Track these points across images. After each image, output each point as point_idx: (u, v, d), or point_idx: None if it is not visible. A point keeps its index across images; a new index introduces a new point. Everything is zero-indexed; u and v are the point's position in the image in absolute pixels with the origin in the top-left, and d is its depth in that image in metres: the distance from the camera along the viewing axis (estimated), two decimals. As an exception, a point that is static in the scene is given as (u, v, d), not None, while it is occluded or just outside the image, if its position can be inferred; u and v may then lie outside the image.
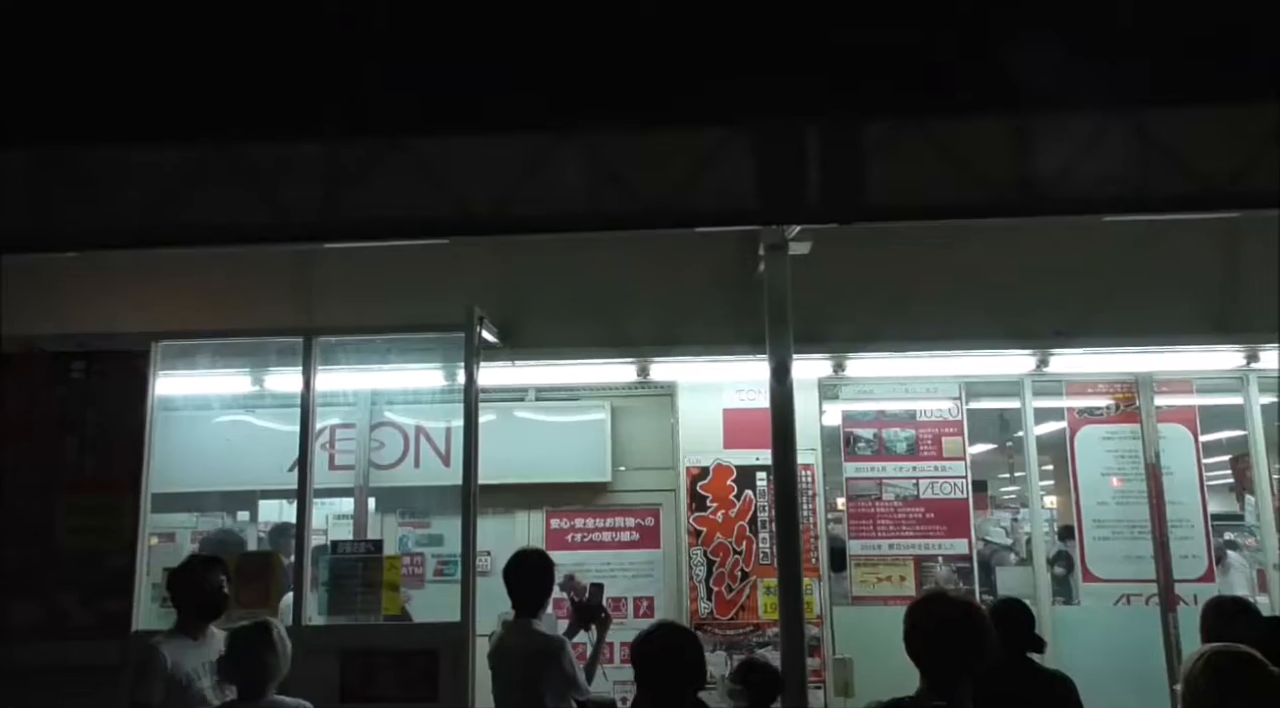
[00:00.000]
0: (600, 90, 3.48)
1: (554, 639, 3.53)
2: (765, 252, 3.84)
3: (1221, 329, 4.96)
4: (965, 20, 3.42)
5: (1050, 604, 5.59)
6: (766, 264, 3.83)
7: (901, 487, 5.70)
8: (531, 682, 3.38)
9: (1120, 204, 3.63)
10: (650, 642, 2.73)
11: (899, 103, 3.21)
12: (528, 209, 3.55)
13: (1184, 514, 5.57)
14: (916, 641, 2.50)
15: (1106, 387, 5.74)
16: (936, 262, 4.79)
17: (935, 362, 5.24)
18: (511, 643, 3.52)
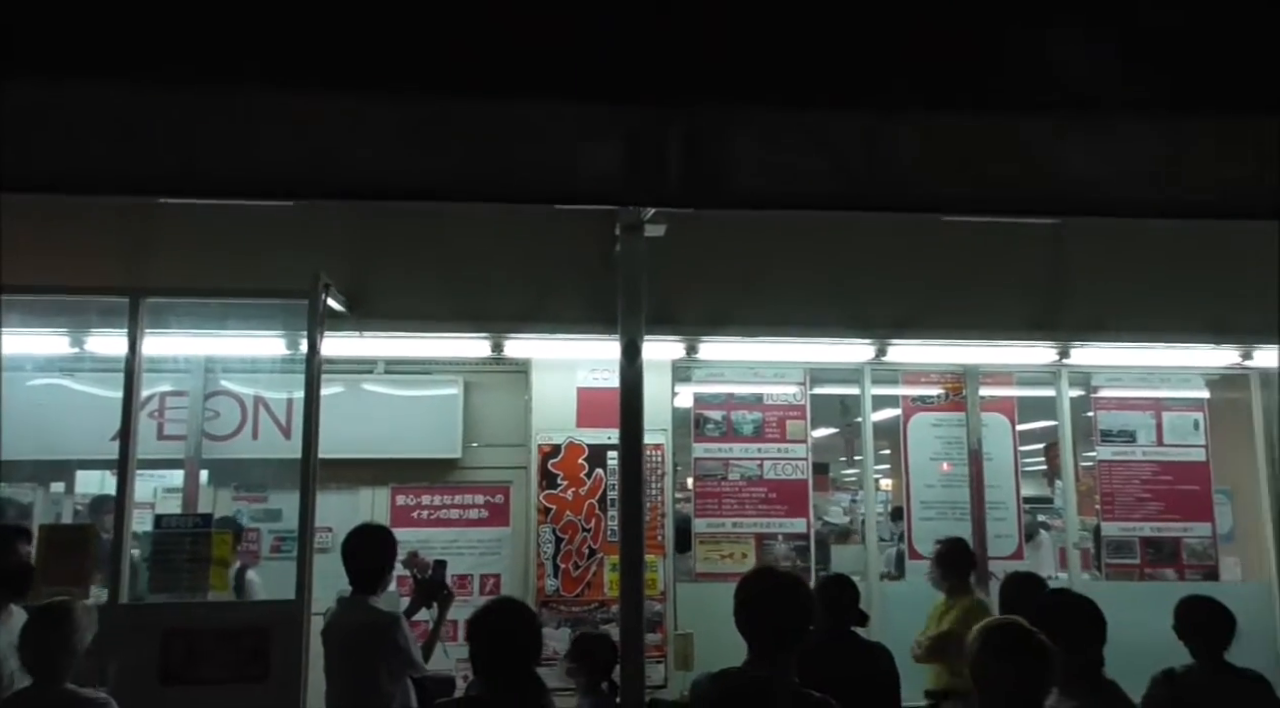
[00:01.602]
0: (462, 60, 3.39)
1: (387, 615, 3.46)
2: (621, 232, 3.85)
3: (1039, 327, 5.35)
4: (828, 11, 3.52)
5: (879, 580, 5.90)
6: (621, 245, 3.84)
7: (746, 467, 5.89)
8: (363, 659, 3.31)
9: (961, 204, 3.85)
10: (485, 619, 2.72)
11: (760, 92, 3.28)
12: (381, 176, 3.44)
13: (1000, 497, 6.00)
14: (744, 613, 2.59)
15: (938, 377, 6.09)
16: (786, 251, 4.95)
17: (782, 347, 5.43)
18: (344, 620, 3.43)
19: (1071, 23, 3.58)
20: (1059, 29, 3.62)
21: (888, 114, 3.45)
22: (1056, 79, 3.63)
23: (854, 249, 5.04)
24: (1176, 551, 5.98)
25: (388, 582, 3.68)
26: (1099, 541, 6.07)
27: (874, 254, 5.07)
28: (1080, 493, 6.46)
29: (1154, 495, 6.04)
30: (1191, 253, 5.16)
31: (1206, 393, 6.15)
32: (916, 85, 3.52)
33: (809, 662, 3.15)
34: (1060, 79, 3.64)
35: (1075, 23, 3.58)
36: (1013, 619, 2.46)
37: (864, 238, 4.96)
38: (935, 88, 3.54)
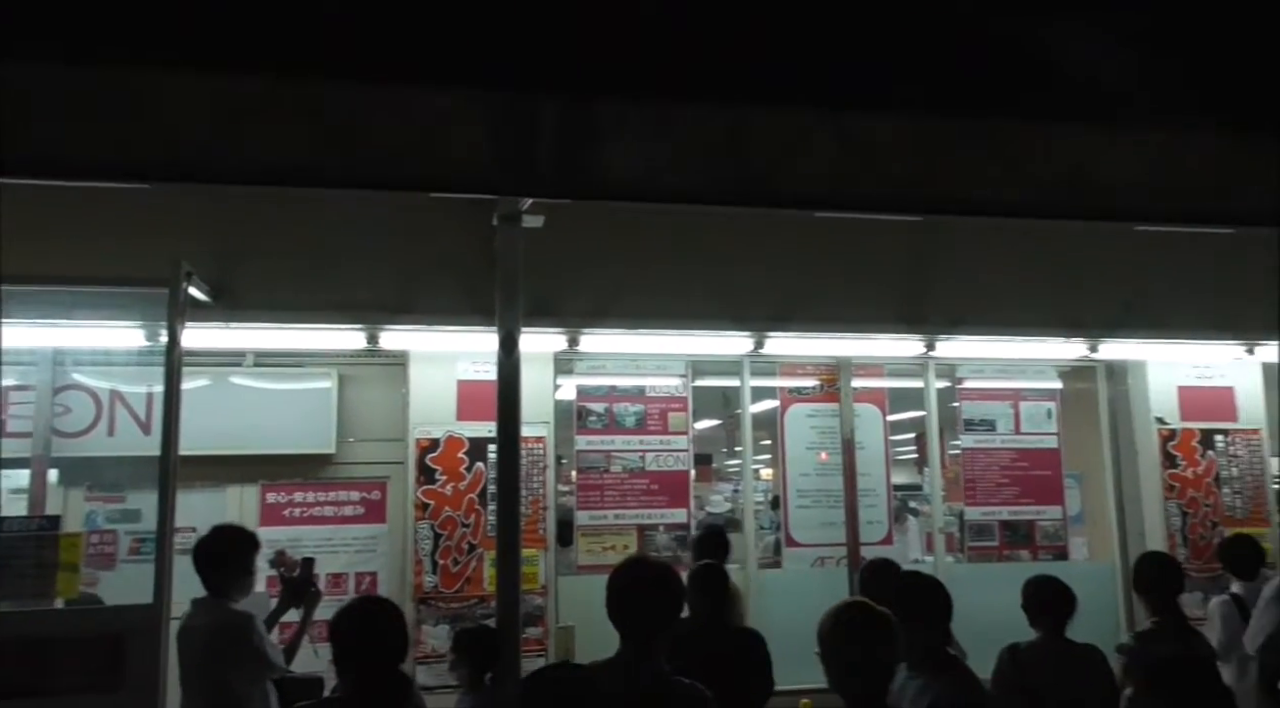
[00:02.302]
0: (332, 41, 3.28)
1: (240, 616, 3.33)
2: (499, 222, 3.82)
3: (907, 321, 5.58)
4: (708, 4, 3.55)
5: (758, 569, 6.04)
6: (499, 235, 3.81)
7: (629, 459, 5.93)
8: (216, 662, 3.18)
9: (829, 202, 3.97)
10: (347, 618, 2.65)
11: (635, 84, 3.29)
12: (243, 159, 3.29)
13: (871, 485, 6.22)
14: (615, 603, 2.61)
15: (814, 368, 6.27)
16: (666, 244, 5.00)
17: (664, 340, 5.48)
18: (197, 623, 3.29)
19: (934, 18, 3.71)
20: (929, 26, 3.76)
21: (765, 109, 3.53)
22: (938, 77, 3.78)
23: (733, 243, 5.12)
24: (1031, 533, 6.34)
25: (249, 584, 3.54)
26: (963, 525, 6.38)
27: (752, 248, 5.17)
28: (948, 480, 6.78)
29: (1012, 481, 6.38)
30: (1044, 251, 5.46)
31: (1059, 384, 6.53)
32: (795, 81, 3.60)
33: (681, 649, 3.21)
34: (936, 77, 3.79)
35: (937, 19, 3.71)
36: (860, 600, 2.56)
37: (742, 232, 5.06)
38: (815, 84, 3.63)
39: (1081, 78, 3.53)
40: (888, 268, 5.48)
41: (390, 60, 3.26)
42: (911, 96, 3.74)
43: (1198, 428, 6.27)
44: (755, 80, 3.35)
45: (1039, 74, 3.64)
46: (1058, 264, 5.56)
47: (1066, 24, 3.77)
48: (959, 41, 3.76)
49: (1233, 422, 6.31)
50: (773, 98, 3.33)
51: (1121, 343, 5.93)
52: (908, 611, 2.75)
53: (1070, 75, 3.62)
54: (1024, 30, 3.82)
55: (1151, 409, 6.27)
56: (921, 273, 5.48)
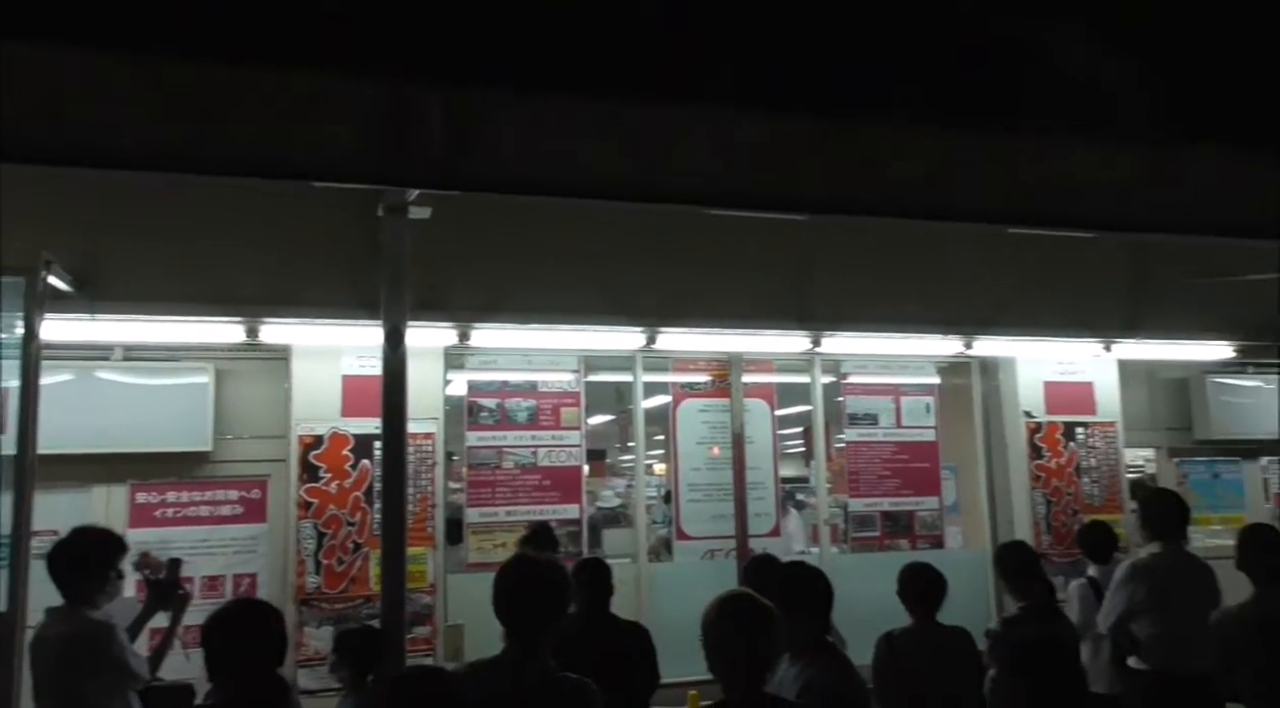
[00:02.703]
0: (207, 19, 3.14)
1: (96, 625, 3.15)
2: (384, 213, 3.73)
3: (794, 317, 5.72)
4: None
5: (647, 562, 6.10)
6: (384, 227, 3.72)
7: (520, 455, 5.89)
8: (71, 674, 3.01)
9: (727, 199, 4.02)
10: (221, 621, 2.56)
11: (525, 75, 3.26)
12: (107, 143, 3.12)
13: (760, 478, 6.36)
14: (500, 600, 2.60)
15: (706, 364, 6.36)
16: (559, 237, 4.98)
17: (556, 335, 5.47)
18: (50, 632, 3.10)
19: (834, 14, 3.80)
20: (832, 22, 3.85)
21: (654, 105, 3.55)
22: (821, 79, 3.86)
23: (625, 238, 5.15)
24: (910, 523, 6.60)
25: (113, 589, 3.35)
26: (847, 516, 6.59)
27: (644, 243, 5.21)
28: (834, 473, 6.99)
29: (893, 473, 6.62)
30: (922, 252, 5.68)
31: (937, 379, 6.81)
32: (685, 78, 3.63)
33: (567, 645, 3.21)
34: (819, 79, 3.87)
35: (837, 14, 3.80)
36: (744, 591, 2.61)
37: (635, 227, 5.09)
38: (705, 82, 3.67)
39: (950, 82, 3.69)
40: (776, 265, 5.60)
41: (266, 40, 3.14)
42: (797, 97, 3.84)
43: (1061, 421, 6.64)
44: (645, 76, 3.37)
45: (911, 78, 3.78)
46: (935, 264, 5.80)
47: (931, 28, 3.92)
48: (842, 47, 3.87)
49: (1092, 415, 6.71)
50: (662, 94, 3.35)
51: (993, 340, 6.23)
52: (790, 600, 2.83)
53: (942, 80, 3.77)
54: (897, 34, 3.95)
55: (1020, 404, 6.61)
56: (808, 270, 5.63)
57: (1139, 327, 6.38)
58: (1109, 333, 6.35)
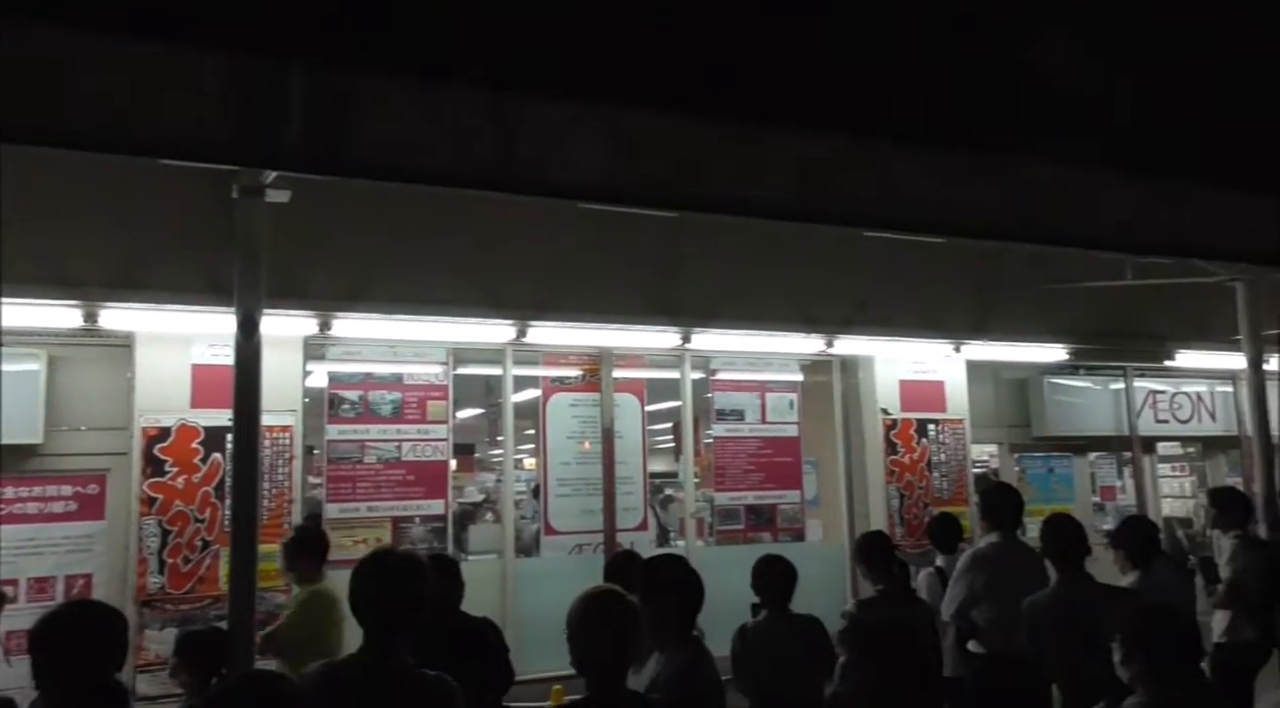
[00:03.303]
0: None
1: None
2: (239, 195, 3.54)
3: (665, 313, 5.79)
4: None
5: (514, 558, 6.05)
6: (239, 209, 3.54)
7: (384, 449, 5.73)
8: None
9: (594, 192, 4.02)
10: (50, 626, 2.38)
11: (395, 58, 3.16)
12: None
13: (629, 472, 6.40)
14: (358, 597, 2.52)
15: (577, 358, 6.36)
16: (427, 227, 4.87)
17: (423, 326, 5.35)
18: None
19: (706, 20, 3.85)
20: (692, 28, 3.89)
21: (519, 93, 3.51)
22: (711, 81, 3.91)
23: (497, 229, 5.08)
24: (773, 516, 6.79)
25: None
26: (713, 510, 6.72)
27: (516, 235, 5.15)
28: (703, 467, 7.11)
29: (757, 467, 6.80)
30: (789, 252, 5.85)
31: (800, 376, 7.03)
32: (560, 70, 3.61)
33: (432, 641, 3.14)
34: (709, 81, 3.92)
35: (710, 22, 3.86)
36: (608, 588, 2.62)
37: (506, 218, 5.03)
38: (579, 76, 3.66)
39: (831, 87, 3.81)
40: (649, 261, 5.65)
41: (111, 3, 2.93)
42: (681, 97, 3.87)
43: (914, 418, 6.98)
44: (520, 66, 3.33)
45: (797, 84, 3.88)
46: (801, 265, 5.98)
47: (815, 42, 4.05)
48: (735, 50, 3.94)
49: (942, 412, 7.08)
50: (539, 86, 3.32)
51: (853, 339, 6.49)
52: (654, 592, 2.86)
53: (828, 86, 3.89)
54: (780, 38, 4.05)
55: (878, 401, 6.90)
56: (680, 267, 5.71)
57: (985, 328, 6.78)
58: (959, 334, 6.72)
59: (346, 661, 2.53)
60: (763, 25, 3.69)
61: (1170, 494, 9.46)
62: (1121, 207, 4.63)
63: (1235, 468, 8.77)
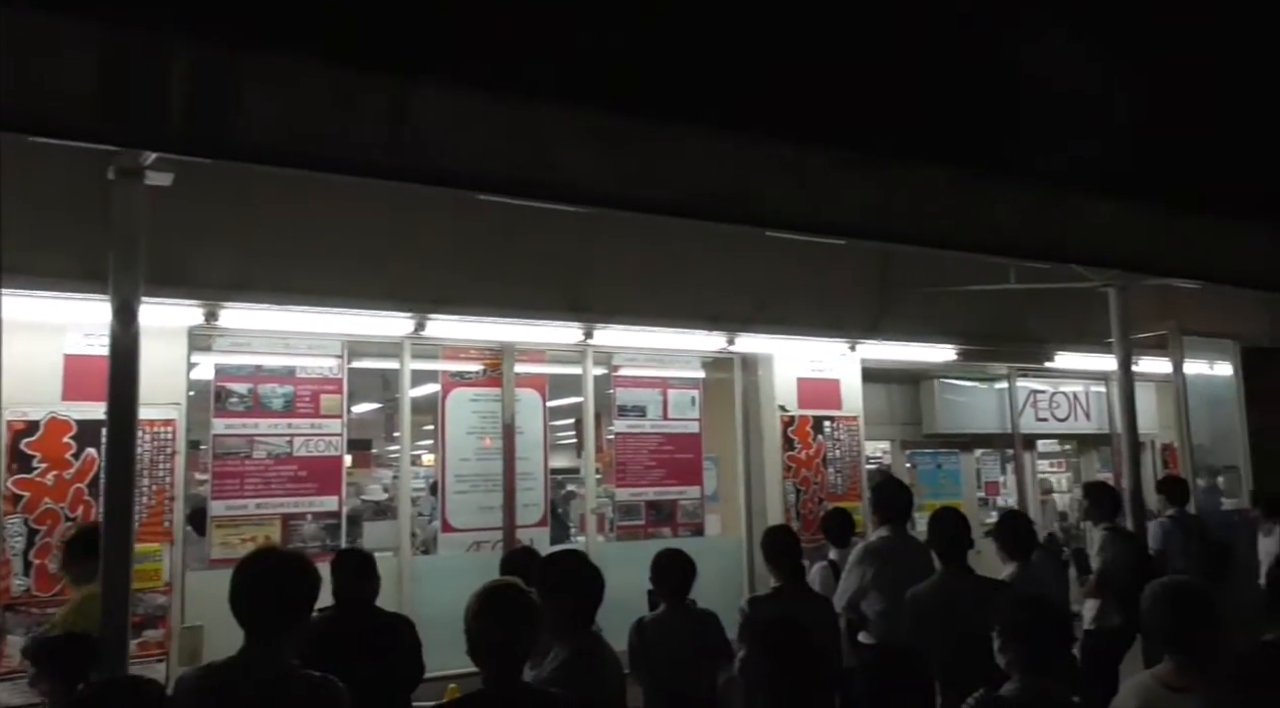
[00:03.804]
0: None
1: None
2: (115, 177, 3.35)
3: (567, 308, 5.76)
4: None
5: (411, 555, 5.93)
6: (115, 191, 3.35)
7: (274, 444, 5.54)
8: None
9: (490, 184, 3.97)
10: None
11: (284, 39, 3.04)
12: None
13: (529, 468, 6.35)
14: (238, 596, 2.42)
15: (478, 353, 6.26)
16: (321, 214, 4.72)
17: (317, 317, 5.18)
18: None
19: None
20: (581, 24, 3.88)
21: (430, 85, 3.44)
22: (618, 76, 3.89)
23: (394, 219, 4.96)
24: (673, 511, 6.84)
25: None
26: (615, 505, 6.73)
27: (415, 226, 5.04)
28: (604, 464, 7.11)
29: (658, 463, 6.84)
30: (692, 251, 5.91)
31: (702, 373, 7.10)
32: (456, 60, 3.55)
33: (325, 639, 3.06)
34: (615, 77, 3.90)
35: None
36: (508, 581, 2.60)
37: (404, 208, 4.91)
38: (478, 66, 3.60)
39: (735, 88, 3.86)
40: (552, 255, 5.62)
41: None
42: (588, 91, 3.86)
43: (811, 415, 7.14)
44: (418, 54, 3.26)
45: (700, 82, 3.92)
46: (703, 262, 6.05)
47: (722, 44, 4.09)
48: (647, 49, 3.94)
49: (838, 409, 7.26)
50: (436, 74, 3.26)
51: (754, 337, 6.59)
52: (554, 588, 2.84)
53: (733, 86, 3.93)
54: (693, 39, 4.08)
55: (776, 398, 7.03)
56: (584, 263, 5.69)
57: (879, 329, 6.99)
58: (854, 333, 6.91)
59: (226, 663, 2.43)
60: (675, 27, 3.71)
61: (1049, 489, 9.96)
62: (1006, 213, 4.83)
63: (1107, 464, 9.29)
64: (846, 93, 4.26)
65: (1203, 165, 5.51)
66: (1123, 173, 4.96)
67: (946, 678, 3.75)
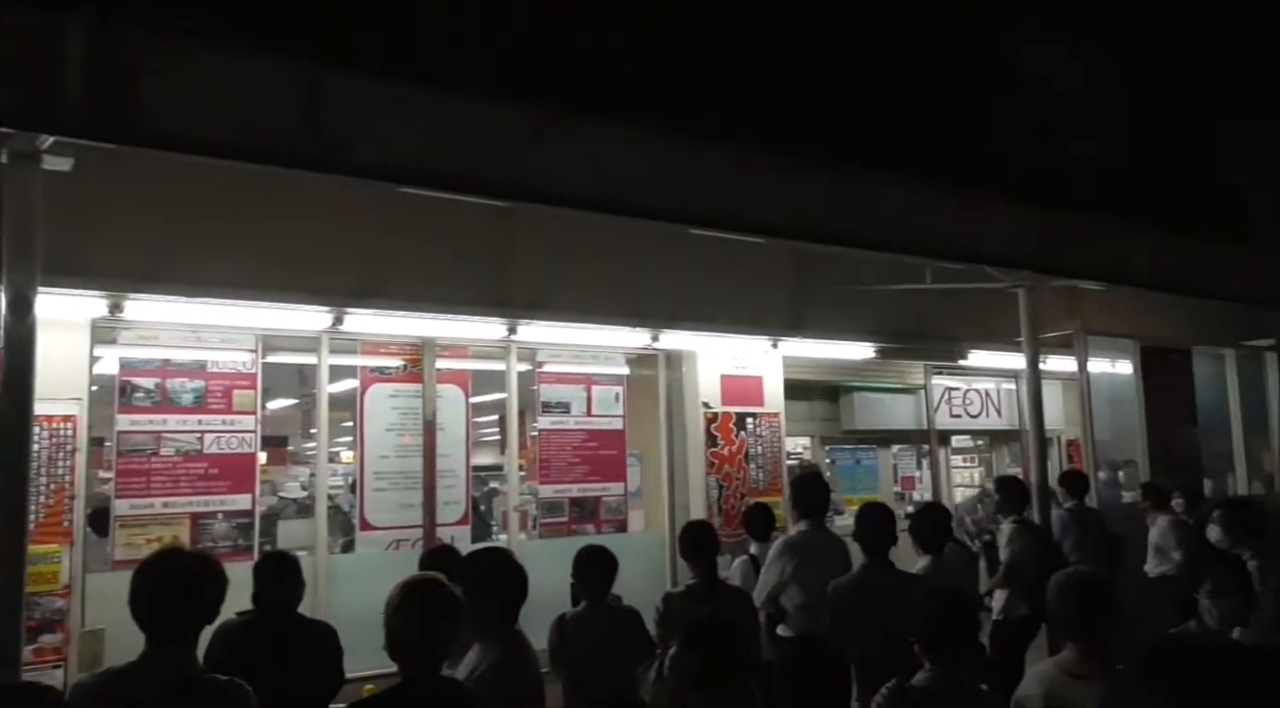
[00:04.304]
0: None
1: None
2: (8, 160, 3.18)
3: (491, 303, 5.70)
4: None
5: (327, 554, 5.80)
6: (8, 176, 3.18)
7: (184, 441, 5.35)
8: None
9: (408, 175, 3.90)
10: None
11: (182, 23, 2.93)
12: None
13: (451, 466, 6.27)
14: (137, 600, 2.34)
15: (398, 348, 6.15)
16: (234, 203, 4.56)
17: (229, 310, 5.02)
18: None
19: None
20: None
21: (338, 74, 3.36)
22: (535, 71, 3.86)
23: (310, 210, 4.84)
24: (597, 508, 6.83)
25: None
26: (539, 502, 6.69)
27: (331, 218, 4.92)
28: (528, 461, 7.06)
29: (582, 460, 6.82)
30: (617, 248, 5.90)
31: (626, 369, 7.11)
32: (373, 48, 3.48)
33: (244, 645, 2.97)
34: (532, 71, 3.87)
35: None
36: (430, 576, 2.57)
37: (320, 199, 4.79)
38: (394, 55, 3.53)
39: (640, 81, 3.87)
40: (475, 249, 5.55)
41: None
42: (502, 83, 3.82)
43: (734, 411, 7.21)
44: (331, 42, 3.18)
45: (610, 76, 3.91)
46: (628, 259, 6.05)
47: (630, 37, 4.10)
48: (555, 40, 3.92)
49: (760, 406, 7.36)
50: (347, 62, 3.18)
51: (678, 334, 6.63)
52: (476, 586, 2.82)
53: (637, 80, 3.94)
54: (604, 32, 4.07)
55: (700, 394, 7.08)
56: (507, 257, 5.63)
57: (801, 326, 7.10)
58: (776, 331, 7.00)
59: (126, 668, 2.34)
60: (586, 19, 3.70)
61: (961, 483, 10.27)
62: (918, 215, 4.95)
63: (1016, 459, 9.62)
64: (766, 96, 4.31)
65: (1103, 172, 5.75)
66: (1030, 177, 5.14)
67: (864, 669, 3.83)
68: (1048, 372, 7.41)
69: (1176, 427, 8.34)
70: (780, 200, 4.36)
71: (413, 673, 2.42)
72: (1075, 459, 9.26)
